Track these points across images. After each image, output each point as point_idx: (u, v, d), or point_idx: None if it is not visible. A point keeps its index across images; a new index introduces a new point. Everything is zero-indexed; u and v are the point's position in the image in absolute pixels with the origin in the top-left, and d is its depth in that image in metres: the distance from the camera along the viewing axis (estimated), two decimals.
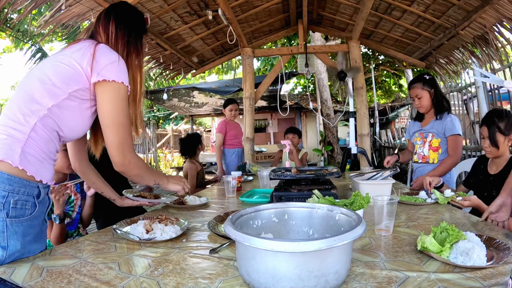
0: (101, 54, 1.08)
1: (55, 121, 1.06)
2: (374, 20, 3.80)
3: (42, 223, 1.08)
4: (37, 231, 1.04)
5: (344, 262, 0.75)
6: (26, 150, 1.00)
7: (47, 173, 1.08)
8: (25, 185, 1.00)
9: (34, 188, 1.02)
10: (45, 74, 1.07)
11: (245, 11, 3.77)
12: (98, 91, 1.09)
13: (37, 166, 1.03)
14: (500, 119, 1.80)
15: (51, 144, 1.07)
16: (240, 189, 2.31)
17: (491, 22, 2.84)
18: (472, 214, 1.46)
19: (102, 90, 1.09)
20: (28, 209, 1.00)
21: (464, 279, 0.80)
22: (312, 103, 5.15)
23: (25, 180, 1.00)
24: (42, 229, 1.09)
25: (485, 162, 1.97)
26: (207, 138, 15.15)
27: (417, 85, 2.31)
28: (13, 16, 8.26)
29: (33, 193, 1.02)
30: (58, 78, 1.05)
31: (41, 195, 1.05)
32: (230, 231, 0.76)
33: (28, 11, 2.27)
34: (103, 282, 0.83)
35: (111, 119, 1.11)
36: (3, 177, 0.96)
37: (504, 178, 1.76)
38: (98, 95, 1.10)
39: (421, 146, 2.41)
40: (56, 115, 1.05)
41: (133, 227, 1.28)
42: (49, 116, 1.04)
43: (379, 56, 11.54)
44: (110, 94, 1.09)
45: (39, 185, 1.04)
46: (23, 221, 0.98)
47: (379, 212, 1.19)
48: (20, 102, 1.04)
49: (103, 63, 1.07)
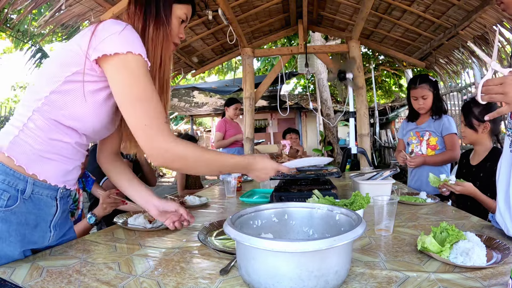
0: (102, 29, 0.93)
1: (57, 109, 0.96)
2: (374, 20, 3.80)
3: (27, 226, 0.95)
4: (10, 230, 0.91)
5: (344, 262, 0.75)
6: (19, 139, 0.94)
7: (51, 171, 0.98)
8: (8, 173, 0.91)
9: (19, 181, 0.93)
10: (45, 64, 1.02)
11: (245, 11, 3.77)
12: (105, 70, 0.94)
13: (34, 159, 0.95)
14: (476, 105, 1.86)
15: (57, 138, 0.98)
16: (240, 189, 2.31)
17: (491, 22, 2.84)
18: (472, 214, 1.46)
19: (106, 68, 0.93)
20: (3, 199, 0.90)
21: (464, 279, 0.80)
22: (312, 103, 5.14)
23: (9, 169, 0.92)
24: (25, 234, 0.95)
25: (468, 155, 2.00)
26: (207, 138, 15.14)
27: (425, 86, 2.31)
28: (13, 16, 8.26)
29: (16, 185, 0.92)
30: (55, 63, 0.98)
31: (28, 191, 0.94)
32: (230, 231, 0.76)
33: (28, 11, 2.28)
34: (103, 282, 0.83)
35: (123, 97, 0.93)
36: None
37: (485, 168, 1.79)
38: (107, 76, 0.94)
39: (418, 144, 2.41)
40: (56, 103, 0.95)
41: (131, 221, 1.33)
42: (48, 105, 0.95)
43: (379, 56, 11.54)
44: (115, 68, 0.92)
45: (30, 180, 0.94)
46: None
47: (379, 212, 1.19)
48: (25, 96, 1.01)
49: (102, 36, 0.91)
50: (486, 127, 1.83)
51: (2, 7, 2.05)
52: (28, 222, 0.96)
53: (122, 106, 0.95)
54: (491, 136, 1.88)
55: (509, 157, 1.11)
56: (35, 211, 0.98)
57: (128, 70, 0.92)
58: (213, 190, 2.52)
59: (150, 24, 1.04)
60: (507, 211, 1.09)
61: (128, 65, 0.92)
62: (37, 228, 1.00)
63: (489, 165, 1.78)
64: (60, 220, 1.09)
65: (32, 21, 6.22)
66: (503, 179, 1.14)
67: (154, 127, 0.93)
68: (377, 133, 10.39)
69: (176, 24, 1.11)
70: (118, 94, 0.94)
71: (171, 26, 1.09)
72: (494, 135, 1.89)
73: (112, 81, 0.94)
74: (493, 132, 1.87)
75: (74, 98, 0.96)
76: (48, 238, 1.05)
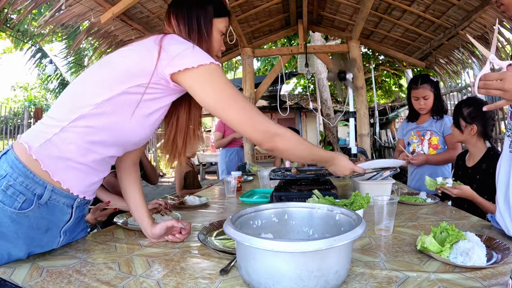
0: (170, 43, 0.97)
1: (105, 120, 0.95)
2: (374, 20, 3.80)
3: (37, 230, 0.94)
4: (19, 232, 0.91)
5: (344, 262, 0.75)
6: (51, 144, 0.93)
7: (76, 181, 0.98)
8: (27, 176, 0.91)
9: (38, 185, 0.92)
10: (95, 71, 1.00)
11: (245, 11, 3.77)
12: (184, 83, 0.97)
13: (62, 166, 0.94)
14: (466, 106, 1.85)
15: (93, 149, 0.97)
16: (240, 189, 2.31)
17: (491, 22, 2.84)
18: (472, 214, 1.46)
19: (186, 80, 0.96)
20: (18, 201, 0.89)
21: (464, 279, 0.80)
22: (312, 103, 5.15)
23: (30, 172, 0.91)
24: (34, 237, 0.94)
25: (463, 157, 1.99)
26: (207, 138, 15.13)
27: (426, 86, 2.30)
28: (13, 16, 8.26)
29: (34, 189, 0.92)
30: (114, 73, 0.96)
31: (45, 197, 0.94)
32: (230, 231, 0.76)
33: (28, 11, 2.28)
34: (103, 282, 0.83)
35: (218, 102, 0.97)
36: (11, 157, 0.92)
37: (481, 169, 1.78)
38: (188, 87, 0.98)
39: (419, 144, 2.41)
40: (105, 113, 0.95)
41: (131, 221, 1.33)
42: (96, 114, 0.94)
43: (379, 56, 11.55)
44: (202, 79, 0.96)
45: (49, 186, 0.94)
46: (6, 210, 0.88)
47: (379, 212, 1.19)
48: (66, 98, 1.00)
49: (175, 51, 0.95)
50: (473, 129, 1.80)
51: (2, 7, 2.05)
52: (39, 226, 0.95)
53: (218, 110, 0.98)
54: (482, 139, 1.84)
55: (509, 158, 1.11)
56: (48, 216, 0.97)
57: (215, 77, 0.97)
58: (213, 190, 2.52)
59: (193, 40, 1.06)
60: (507, 211, 1.09)
61: (214, 73, 0.97)
62: (47, 233, 0.99)
63: (485, 167, 1.76)
64: (72, 226, 1.08)
65: (32, 21, 6.22)
66: (503, 180, 1.14)
67: (257, 117, 0.99)
68: (377, 133, 10.39)
69: (217, 38, 1.15)
70: (211, 100, 0.98)
71: (213, 40, 1.13)
72: (486, 139, 1.85)
73: (200, 91, 0.97)
74: (483, 136, 1.83)
75: (127, 110, 0.97)
76: (57, 243, 1.04)
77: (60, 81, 13.36)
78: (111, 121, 0.96)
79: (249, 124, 0.99)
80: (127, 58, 0.98)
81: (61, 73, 13.34)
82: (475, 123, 1.80)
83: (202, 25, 1.09)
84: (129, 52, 1.00)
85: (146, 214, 1.17)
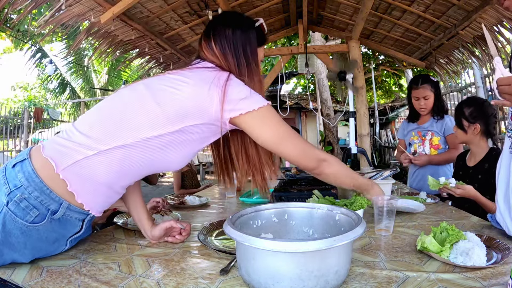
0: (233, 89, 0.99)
1: (150, 154, 0.95)
2: (374, 20, 3.80)
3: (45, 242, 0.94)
4: (28, 243, 0.90)
5: (344, 262, 0.75)
6: (83, 166, 0.90)
7: (99, 203, 0.97)
8: (43, 192, 0.89)
9: (53, 202, 0.90)
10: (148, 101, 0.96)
11: (245, 11, 3.77)
12: (243, 123, 1.01)
13: (88, 189, 0.93)
14: (467, 106, 1.85)
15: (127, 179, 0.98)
16: (240, 189, 2.31)
17: (491, 22, 2.84)
18: (472, 214, 1.46)
19: (247, 121, 1.01)
20: (31, 215, 0.88)
21: (464, 279, 0.80)
22: (312, 103, 5.15)
23: (47, 188, 0.89)
24: (41, 247, 0.94)
25: (464, 157, 1.99)
26: None
27: (427, 86, 2.30)
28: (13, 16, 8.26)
29: (49, 205, 0.90)
30: (170, 109, 0.94)
31: (59, 213, 0.92)
32: (230, 231, 0.76)
33: (28, 11, 2.28)
34: (103, 282, 0.83)
35: (277, 139, 1.05)
36: (28, 170, 0.89)
37: (483, 169, 1.77)
38: (246, 128, 1.03)
39: (420, 144, 2.41)
40: (153, 148, 0.95)
41: (131, 221, 1.33)
42: (142, 147, 0.93)
43: (379, 56, 11.55)
44: (261, 119, 1.02)
45: (65, 203, 0.92)
46: (18, 221, 0.87)
47: (379, 212, 1.19)
48: (108, 120, 0.96)
49: (237, 96, 0.98)
50: (476, 128, 1.80)
51: (2, 7, 2.05)
52: (48, 239, 0.94)
53: (276, 145, 1.06)
54: (485, 138, 1.84)
55: (509, 158, 1.11)
56: (59, 230, 0.96)
57: (272, 116, 1.04)
58: (213, 190, 2.52)
59: (244, 75, 1.09)
60: (507, 211, 1.09)
61: (270, 113, 1.04)
62: (54, 243, 0.98)
63: (488, 166, 1.76)
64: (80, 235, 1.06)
65: (32, 21, 6.22)
66: (503, 180, 1.14)
67: (307, 148, 1.10)
68: (377, 133, 10.40)
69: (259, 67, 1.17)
70: (269, 137, 1.04)
71: (259, 72, 1.15)
72: (489, 137, 1.86)
73: (259, 130, 1.03)
74: (486, 134, 1.83)
75: (174, 147, 0.98)
76: (61, 250, 1.03)
77: (60, 81, 13.36)
78: (154, 155, 0.97)
79: (302, 156, 1.09)
80: (182, 96, 0.96)
81: (61, 73, 13.35)
82: (477, 122, 1.80)
83: (249, 57, 1.11)
84: (184, 88, 0.97)
85: (145, 216, 1.17)
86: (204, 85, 0.97)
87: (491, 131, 1.84)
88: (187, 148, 1.02)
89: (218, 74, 1.01)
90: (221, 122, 0.99)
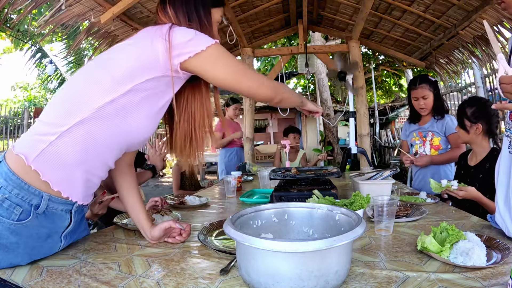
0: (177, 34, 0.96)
1: (109, 122, 0.93)
2: (374, 20, 3.80)
3: (37, 239, 0.94)
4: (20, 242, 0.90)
5: (344, 262, 0.75)
6: (50, 152, 0.90)
7: (77, 189, 0.96)
8: (22, 188, 0.89)
9: (34, 196, 0.90)
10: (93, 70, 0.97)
11: (245, 11, 3.77)
12: (194, 67, 0.98)
13: (62, 176, 0.92)
14: (469, 106, 1.86)
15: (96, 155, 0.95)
16: (240, 189, 2.31)
17: (491, 22, 2.84)
18: (472, 214, 1.46)
19: (197, 64, 0.97)
20: (15, 214, 0.88)
21: (464, 279, 0.80)
22: None
23: (24, 183, 0.89)
24: (34, 246, 0.94)
25: (466, 156, 1.99)
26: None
27: (425, 86, 2.30)
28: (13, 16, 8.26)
29: (30, 200, 0.90)
30: (116, 71, 0.93)
31: (42, 207, 0.92)
32: (230, 231, 0.76)
33: (28, 11, 2.28)
34: (103, 282, 0.83)
35: (232, 76, 1.03)
36: (4, 170, 0.89)
37: (484, 169, 1.78)
38: (199, 71, 0.99)
39: (421, 145, 2.41)
40: (110, 115, 0.93)
41: (131, 221, 1.34)
42: (98, 117, 0.92)
43: (379, 56, 11.55)
44: (212, 58, 0.98)
45: (46, 196, 0.92)
46: (4, 222, 0.87)
47: (379, 212, 1.19)
48: (62, 102, 0.96)
49: (182, 39, 0.95)
50: (478, 128, 1.80)
51: (2, 7, 2.05)
52: (39, 235, 0.94)
53: (237, 82, 1.04)
54: (487, 137, 1.85)
55: (508, 158, 1.11)
56: (48, 224, 0.96)
57: (223, 53, 1.01)
58: (213, 190, 2.52)
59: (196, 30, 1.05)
60: (507, 212, 1.09)
61: (221, 50, 1.01)
62: (47, 240, 0.98)
63: (489, 166, 1.76)
64: (72, 229, 1.06)
65: (32, 21, 6.22)
66: (502, 180, 1.14)
67: (266, 79, 1.11)
68: (377, 133, 10.40)
69: (215, 29, 1.15)
70: (225, 76, 1.02)
71: (212, 31, 1.13)
72: (491, 137, 1.86)
73: (213, 71, 1.00)
74: (488, 134, 1.84)
75: (131, 111, 0.95)
76: (58, 248, 1.03)
77: (60, 81, 13.36)
78: (115, 124, 0.94)
79: (262, 87, 1.09)
80: (126, 56, 0.95)
81: (61, 73, 13.34)
82: (479, 122, 1.80)
83: (202, 15, 1.09)
84: (128, 48, 0.97)
85: (144, 216, 1.16)
86: (146, 40, 0.97)
87: (493, 131, 1.85)
88: (145, 108, 0.98)
89: (159, 27, 0.99)
90: (172, 71, 0.96)
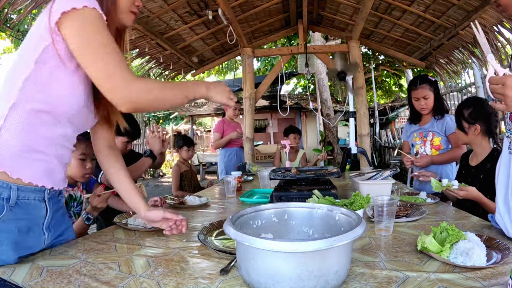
0: None
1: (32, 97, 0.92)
2: (374, 20, 3.80)
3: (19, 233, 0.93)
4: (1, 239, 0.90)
5: (344, 262, 0.75)
6: None
7: (35, 172, 0.95)
8: None
9: (2, 189, 0.90)
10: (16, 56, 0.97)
11: (245, 11, 3.77)
12: (64, 32, 0.89)
13: (16, 161, 0.91)
14: (466, 107, 1.86)
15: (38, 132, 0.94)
16: (240, 189, 2.31)
17: (491, 22, 2.84)
18: (472, 214, 1.46)
19: (65, 28, 0.89)
20: None
21: (464, 279, 0.80)
22: (312, 103, 5.14)
23: None
24: (17, 240, 0.93)
25: (467, 156, 1.99)
26: (207, 138, 15.14)
27: (425, 86, 2.30)
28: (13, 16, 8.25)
29: (0, 193, 0.90)
30: (24, 51, 0.94)
31: (12, 198, 0.91)
32: (230, 231, 0.76)
33: (28, 11, 2.28)
34: (103, 282, 0.83)
35: (86, 49, 0.89)
36: None
37: (485, 169, 1.77)
38: (66, 36, 0.90)
39: (422, 145, 2.41)
40: (30, 90, 0.91)
41: (131, 221, 1.34)
42: (23, 95, 0.91)
43: (379, 56, 11.55)
44: (76, 24, 0.88)
45: (14, 186, 0.91)
46: None
47: (379, 212, 1.19)
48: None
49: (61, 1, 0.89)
50: (477, 129, 1.80)
51: (2, 7, 2.05)
52: (20, 229, 0.94)
53: (84, 57, 0.90)
54: (487, 137, 1.84)
55: (508, 159, 1.11)
56: (25, 216, 0.95)
57: (87, 21, 0.89)
58: (213, 190, 2.52)
59: None
60: (507, 213, 1.09)
61: (87, 17, 0.89)
62: (29, 233, 0.97)
63: (489, 167, 1.76)
64: (53, 221, 1.06)
65: (32, 21, 6.21)
66: (502, 181, 1.14)
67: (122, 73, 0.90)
68: (377, 133, 10.40)
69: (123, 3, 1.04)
70: (79, 46, 0.90)
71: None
72: (491, 136, 1.85)
73: (73, 37, 0.89)
74: (488, 134, 1.83)
75: (47, 79, 0.93)
76: (43, 241, 1.03)
77: None
78: (41, 99, 0.93)
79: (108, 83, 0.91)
80: (29, 33, 0.95)
81: None
82: (477, 122, 1.80)
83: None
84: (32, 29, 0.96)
85: (137, 196, 1.17)
86: (43, 15, 0.93)
87: (493, 130, 1.84)
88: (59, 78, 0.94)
89: None
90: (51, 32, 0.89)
